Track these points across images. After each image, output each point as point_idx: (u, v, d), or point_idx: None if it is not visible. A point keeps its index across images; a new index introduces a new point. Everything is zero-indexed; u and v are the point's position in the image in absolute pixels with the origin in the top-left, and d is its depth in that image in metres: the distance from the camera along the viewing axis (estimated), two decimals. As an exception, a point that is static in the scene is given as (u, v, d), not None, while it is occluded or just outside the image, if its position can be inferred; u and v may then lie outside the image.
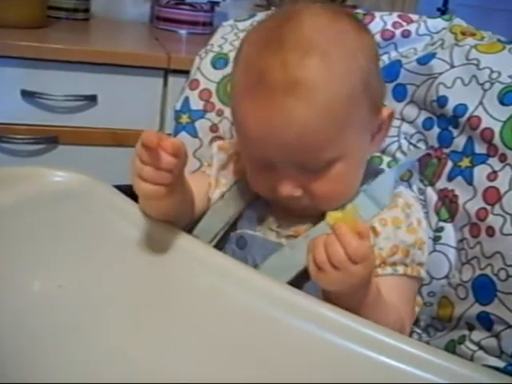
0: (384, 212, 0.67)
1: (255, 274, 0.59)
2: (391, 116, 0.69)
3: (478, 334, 0.65)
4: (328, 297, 0.56)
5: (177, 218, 0.65)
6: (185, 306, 0.55)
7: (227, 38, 0.87)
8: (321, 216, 0.65)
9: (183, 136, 0.84)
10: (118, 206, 0.68)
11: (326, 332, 0.52)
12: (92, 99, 1.38)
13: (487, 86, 0.70)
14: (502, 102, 0.68)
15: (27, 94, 1.34)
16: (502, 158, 0.67)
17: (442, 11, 2.74)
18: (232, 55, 0.83)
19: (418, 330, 0.73)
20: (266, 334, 0.53)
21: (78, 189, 0.70)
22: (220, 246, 0.70)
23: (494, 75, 0.70)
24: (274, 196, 0.65)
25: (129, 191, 0.71)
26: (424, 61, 0.76)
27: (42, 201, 0.67)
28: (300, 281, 0.63)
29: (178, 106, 0.86)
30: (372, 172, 0.72)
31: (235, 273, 0.58)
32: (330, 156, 0.62)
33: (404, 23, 0.81)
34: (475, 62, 0.72)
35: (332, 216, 0.54)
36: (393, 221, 0.66)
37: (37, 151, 1.39)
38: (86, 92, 1.37)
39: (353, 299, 0.56)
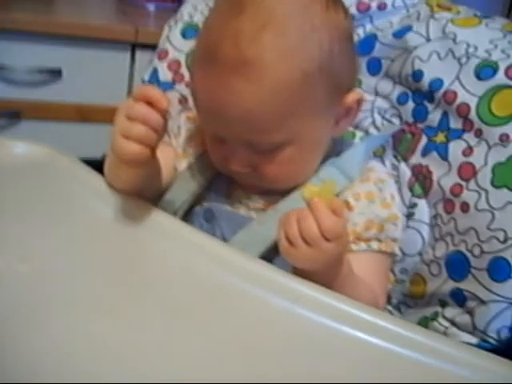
0: (356, 185, 0.65)
1: (228, 250, 0.57)
2: (359, 102, 0.65)
3: (451, 311, 0.65)
4: (298, 273, 0.54)
5: (143, 189, 0.63)
6: (158, 283, 0.54)
7: (198, 7, 0.85)
8: (290, 189, 0.63)
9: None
10: (82, 178, 0.65)
11: (300, 307, 0.51)
12: (56, 73, 1.33)
13: (464, 60, 0.69)
14: (478, 77, 0.67)
15: (-12, 67, 1.29)
16: (478, 133, 0.66)
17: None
18: (201, 25, 0.81)
19: (390, 308, 0.73)
20: (240, 309, 0.51)
21: (40, 161, 0.68)
22: (187, 218, 0.68)
23: (471, 49, 0.69)
24: (226, 169, 0.64)
25: (95, 165, 0.68)
26: (399, 34, 0.75)
27: (1, 173, 0.65)
28: (270, 255, 0.61)
29: (146, 78, 0.84)
30: (342, 146, 0.70)
31: (208, 248, 0.56)
32: (277, 139, 0.60)
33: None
34: (452, 35, 0.71)
35: (308, 190, 0.53)
36: (366, 195, 0.64)
37: (-2, 126, 1.34)
38: (50, 65, 1.32)
39: (323, 278, 0.54)
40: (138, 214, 0.60)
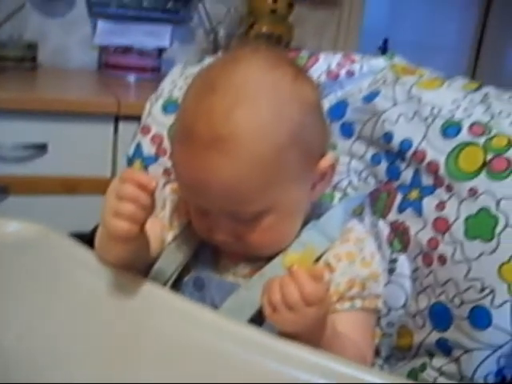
0: (337, 247, 0.67)
1: (218, 317, 0.59)
2: (333, 166, 0.67)
3: (439, 361, 0.67)
4: (284, 336, 0.56)
5: (134, 263, 0.65)
6: (153, 355, 0.55)
7: (177, 82, 0.88)
8: (275, 254, 0.66)
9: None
10: (75, 255, 0.66)
11: (288, 368, 0.52)
12: (42, 148, 1.36)
13: (430, 120, 0.73)
14: (444, 136, 0.71)
15: (-25, 145, 1.32)
16: (449, 189, 0.69)
17: (383, 50, 2.85)
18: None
19: (379, 361, 0.74)
20: (233, 373, 0.53)
21: (34, 239, 0.68)
22: (177, 288, 0.69)
23: (436, 110, 0.73)
24: (211, 239, 0.66)
25: (84, 239, 0.70)
26: (369, 99, 0.79)
27: None
28: (259, 320, 0.63)
29: (131, 153, 0.86)
30: (322, 208, 0.72)
31: (200, 317, 0.58)
32: (256, 209, 0.62)
33: (348, 63, 0.84)
34: (417, 98, 0.75)
35: (289, 257, 0.55)
36: (347, 255, 0.66)
37: (-15, 203, 1.36)
38: (35, 140, 1.35)
39: (307, 341, 0.55)
40: (130, 287, 0.61)
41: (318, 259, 0.66)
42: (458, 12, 2.84)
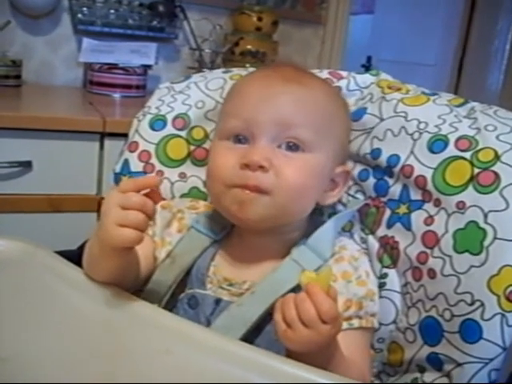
0: (332, 266, 0.67)
1: (207, 333, 0.58)
2: (347, 173, 0.75)
3: (430, 375, 0.67)
4: (292, 357, 0.56)
5: (123, 280, 0.64)
6: (140, 372, 0.54)
7: (164, 99, 0.88)
8: (270, 268, 0.66)
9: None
10: (60, 272, 0.66)
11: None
12: (27, 165, 1.35)
13: (416, 136, 0.74)
14: (431, 150, 0.72)
15: (-42, 163, 1.30)
16: (437, 203, 0.70)
17: (366, 67, 2.89)
18: (170, 116, 0.85)
19: (371, 378, 0.74)
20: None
21: (19, 256, 0.68)
22: (171, 305, 0.69)
23: (422, 125, 0.74)
24: (237, 178, 0.66)
25: (70, 256, 0.70)
26: (356, 116, 0.80)
27: None
28: (251, 337, 0.63)
29: (118, 169, 0.85)
30: (313, 224, 0.73)
31: (189, 334, 0.57)
32: (306, 136, 0.67)
33: (334, 79, 0.84)
34: (403, 114, 0.76)
35: (306, 276, 0.56)
36: (342, 275, 0.67)
37: (-30, 221, 1.34)
38: (20, 158, 1.34)
39: (316, 360, 0.56)
40: (117, 304, 0.61)
41: None
42: (439, 29, 2.89)
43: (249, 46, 1.90)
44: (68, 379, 0.53)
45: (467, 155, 0.69)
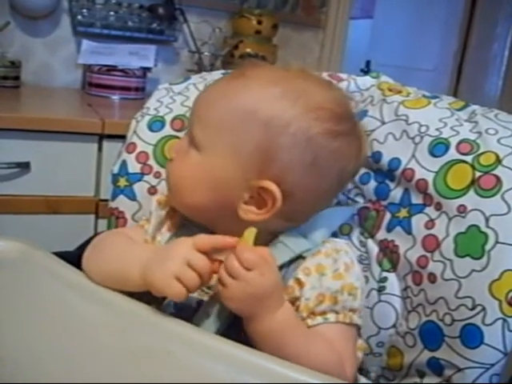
0: (307, 260, 0.65)
1: (207, 336, 0.58)
2: (269, 192, 0.62)
3: (430, 380, 0.66)
4: (248, 329, 0.59)
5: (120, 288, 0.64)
6: (141, 373, 0.54)
7: (163, 100, 0.88)
8: None
9: (122, 199, 0.83)
10: (59, 273, 0.66)
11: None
12: (25, 166, 1.35)
13: (417, 139, 0.74)
14: (432, 154, 0.72)
15: (-44, 163, 1.30)
16: (438, 207, 0.69)
17: (365, 71, 2.89)
18: (168, 118, 0.85)
19: (369, 382, 0.73)
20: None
21: (17, 257, 0.68)
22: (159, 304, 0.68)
23: (423, 129, 0.74)
24: None
25: (68, 258, 0.69)
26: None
27: None
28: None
29: (116, 170, 0.85)
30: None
31: (188, 335, 0.57)
32: (196, 133, 0.66)
33: (334, 82, 0.84)
34: (404, 117, 0.76)
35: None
36: (316, 268, 0.64)
37: (-33, 222, 1.34)
38: (18, 159, 1.34)
39: (264, 317, 0.58)
40: (115, 305, 0.61)
41: (298, 258, 0.65)
42: (438, 34, 2.90)
43: (248, 49, 1.90)
44: (67, 379, 0.53)
45: (468, 159, 0.69)
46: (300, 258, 0.66)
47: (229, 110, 0.64)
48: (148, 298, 0.67)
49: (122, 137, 0.90)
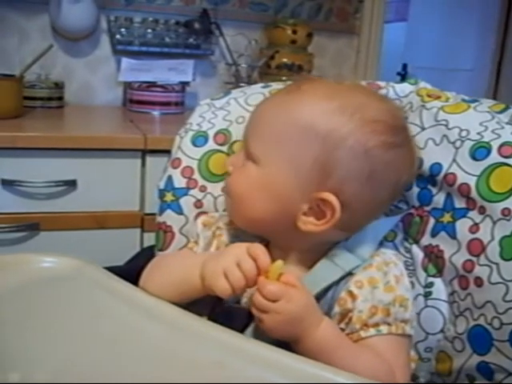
0: (359, 273, 0.67)
1: (259, 346, 0.59)
2: (328, 203, 0.65)
3: (480, 385, 0.66)
4: (297, 351, 0.60)
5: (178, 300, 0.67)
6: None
7: (205, 116, 0.89)
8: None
9: (169, 214, 0.85)
10: (111, 287, 0.67)
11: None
12: (72, 184, 1.39)
13: (458, 144, 0.73)
14: (474, 158, 0.72)
15: (7, 183, 1.35)
16: (482, 211, 0.69)
17: (402, 75, 2.87)
18: (211, 132, 0.87)
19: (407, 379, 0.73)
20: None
21: (69, 272, 0.70)
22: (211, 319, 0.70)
23: (464, 133, 0.74)
24: None
25: (118, 272, 0.71)
26: (397, 125, 0.80)
27: (32, 287, 0.67)
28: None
29: (162, 185, 0.87)
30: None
31: (237, 346, 0.58)
32: (253, 146, 0.68)
33: (374, 89, 0.85)
34: (444, 122, 0.76)
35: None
36: (369, 281, 0.66)
37: (18, 239, 1.39)
38: (65, 177, 1.38)
39: (306, 338, 0.60)
40: (170, 318, 0.62)
41: (347, 275, 0.67)
42: (475, 33, 2.86)
43: (284, 59, 1.92)
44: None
45: (511, 161, 0.69)
46: (349, 274, 0.68)
47: (286, 124, 0.66)
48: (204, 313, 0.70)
49: (165, 151, 0.91)
